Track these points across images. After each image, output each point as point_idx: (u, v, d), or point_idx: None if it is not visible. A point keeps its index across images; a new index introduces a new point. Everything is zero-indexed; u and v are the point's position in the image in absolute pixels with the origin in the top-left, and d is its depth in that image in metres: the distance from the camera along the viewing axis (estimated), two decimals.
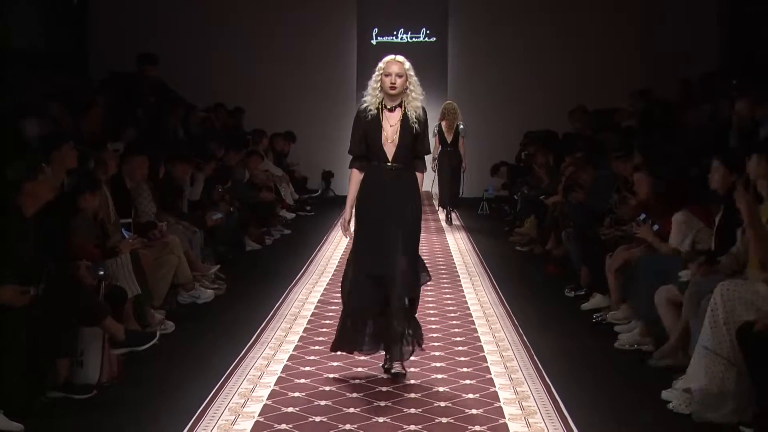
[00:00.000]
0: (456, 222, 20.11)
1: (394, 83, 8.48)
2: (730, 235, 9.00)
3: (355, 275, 8.70)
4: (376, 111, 8.62)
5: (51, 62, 17.57)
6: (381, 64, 8.64)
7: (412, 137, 8.63)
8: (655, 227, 10.38)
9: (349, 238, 9.06)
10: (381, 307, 8.58)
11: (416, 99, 8.64)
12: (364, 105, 8.68)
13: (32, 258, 8.29)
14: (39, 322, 7.74)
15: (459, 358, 9.25)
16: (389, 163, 8.62)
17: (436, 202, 21.24)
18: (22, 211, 8.46)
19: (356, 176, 8.86)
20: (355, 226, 8.80)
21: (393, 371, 8.60)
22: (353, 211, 8.89)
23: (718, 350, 7.64)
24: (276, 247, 16.66)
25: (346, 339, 8.73)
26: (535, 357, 9.39)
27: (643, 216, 10.58)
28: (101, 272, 9.30)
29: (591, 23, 20.90)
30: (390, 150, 8.60)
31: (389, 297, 8.51)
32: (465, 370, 8.88)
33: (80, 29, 19.54)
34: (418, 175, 8.91)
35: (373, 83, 8.66)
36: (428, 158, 9.93)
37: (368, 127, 8.63)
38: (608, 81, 19.64)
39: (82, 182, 9.59)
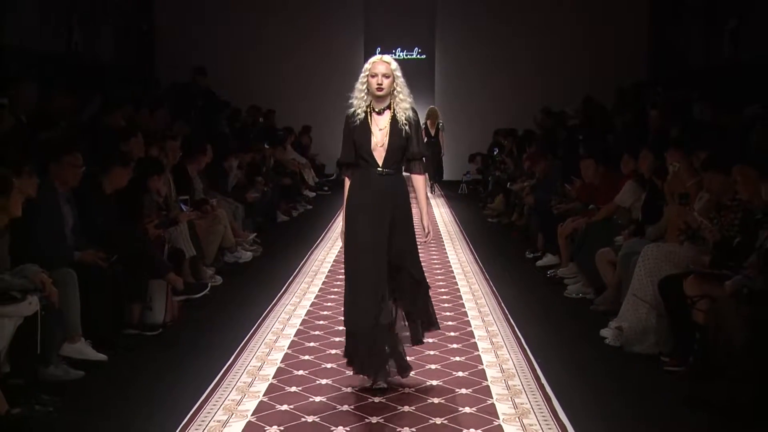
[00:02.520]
0: (440, 198, 20.17)
1: (381, 84, 6.47)
2: (653, 209, 9.08)
3: (351, 295, 6.58)
4: (364, 115, 6.59)
5: (127, 74, 17.61)
6: (367, 65, 6.61)
7: (403, 140, 6.56)
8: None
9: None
10: (376, 328, 6.43)
11: (404, 100, 6.59)
12: (352, 109, 6.66)
13: (110, 227, 8.38)
14: (119, 275, 7.87)
15: (443, 305, 9.29)
16: (380, 169, 6.54)
17: None
18: (103, 190, 8.54)
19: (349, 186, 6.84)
20: (347, 237, 6.74)
21: (376, 386, 6.57)
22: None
23: (644, 297, 7.76)
24: (301, 218, 16.66)
25: (351, 357, 6.70)
26: (502, 303, 9.45)
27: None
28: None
29: (547, 43, 20.84)
30: (380, 155, 6.54)
31: (379, 314, 6.45)
32: (448, 314, 8.95)
33: (149, 49, 19.55)
34: (418, 177, 6.85)
35: (360, 85, 6.64)
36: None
37: (357, 132, 6.59)
38: (561, 88, 19.58)
39: (151, 167, 9.65)
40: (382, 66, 6.54)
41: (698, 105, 13.03)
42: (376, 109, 6.63)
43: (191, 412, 6.13)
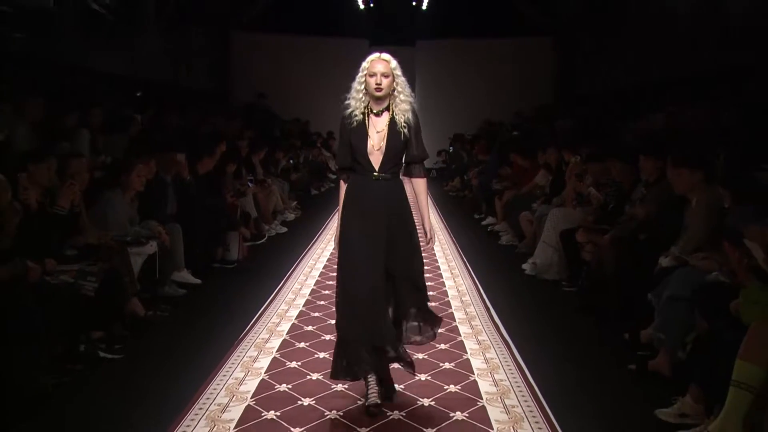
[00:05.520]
0: None
1: (380, 84, 4.26)
2: (557, 186, 9.14)
3: (345, 300, 4.28)
4: (362, 116, 4.34)
5: (214, 96, 17.62)
6: (365, 64, 4.36)
7: (402, 143, 4.32)
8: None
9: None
10: (375, 335, 4.24)
11: (404, 101, 4.32)
12: (349, 110, 4.37)
13: (202, 197, 8.46)
14: (207, 228, 7.97)
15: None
16: (376, 173, 4.29)
17: None
18: (197, 172, 8.61)
19: (344, 189, 4.44)
20: (341, 243, 4.36)
21: (369, 402, 4.27)
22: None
23: (550, 243, 7.82)
24: (326, 193, 16.48)
25: (343, 369, 4.37)
26: (458, 247, 9.52)
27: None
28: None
29: (490, 76, 20.57)
30: (377, 159, 4.28)
31: (379, 329, 4.23)
32: (424, 255, 8.94)
33: (225, 79, 19.51)
34: (419, 181, 4.61)
35: (357, 85, 4.38)
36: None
37: (353, 135, 4.31)
38: (499, 106, 19.46)
39: (228, 157, 9.71)
40: (380, 65, 4.31)
41: (589, 118, 13.09)
42: (374, 111, 4.35)
43: (256, 316, 6.24)
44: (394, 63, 4.35)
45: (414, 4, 19.41)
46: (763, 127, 6.70)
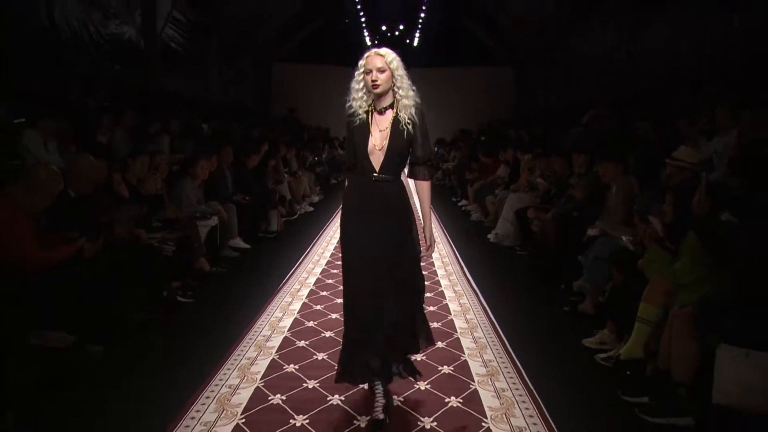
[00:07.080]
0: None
1: (376, 80, 3.02)
2: (513, 176, 9.14)
3: (348, 306, 3.13)
4: (365, 115, 3.09)
5: (256, 111, 17.61)
6: (361, 61, 3.10)
7: (406, 143, 3.06)
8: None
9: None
10: (373, 343, 3.07)
11: (405, 97, 3.08)
12: (352, 110, 3.11)
13: (248, 185, 8.45)
14: (255, 207, 7.99)
15: None
16: (375, 174, 3.05)
17: None
18: (246, 166, 8.63)
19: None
20: (342, 248, 3.18)
21: (373, 418, 3.06)
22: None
23: (508, 219, 7.86)
24: (343, 182, 16.56)
25: (348, 373, 3.18)
26: (440, 222, 9.49)
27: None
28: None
29: (466, 94, 20.37)
30: (377, 158, 3.04)
31: (382, 338, 3.06)
32: None
33: (267, 98, 19.48)
34: (422, 183, 3.21)
35: (355, 84, 3.11)
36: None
37: (356, 133, 3.09)
38: (472, 118, 19.40)
39: (269, 155, 9.71)
40: (376, 60, 3.07)
41: (537, 127, 13.09)
42: (378, 108, 3.12)
43: (291, 272, 6.26)
44: (390, 56, 3.08)
45: (408, 41, 19.47)
46: (666, 135, 6.74)
